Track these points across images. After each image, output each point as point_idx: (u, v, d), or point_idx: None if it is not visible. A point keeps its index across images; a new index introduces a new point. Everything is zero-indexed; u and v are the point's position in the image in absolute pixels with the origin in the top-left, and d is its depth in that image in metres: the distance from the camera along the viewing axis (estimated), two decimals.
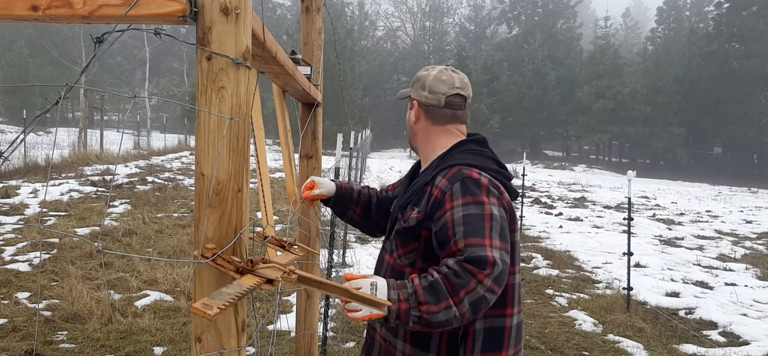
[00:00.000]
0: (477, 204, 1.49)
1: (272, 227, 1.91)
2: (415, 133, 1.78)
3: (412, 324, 1.42)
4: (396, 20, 63.36)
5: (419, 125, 1.76)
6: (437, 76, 1.73)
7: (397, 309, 1.42)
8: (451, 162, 1.63)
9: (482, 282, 1.41)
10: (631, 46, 56.06)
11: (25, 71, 34.80)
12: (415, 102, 1.76)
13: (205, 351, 1.15)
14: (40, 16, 1.06)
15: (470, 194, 1.51)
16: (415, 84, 1.77)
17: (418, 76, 1.78)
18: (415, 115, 1.75)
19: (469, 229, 1.46)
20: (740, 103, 35.59)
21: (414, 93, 1.77)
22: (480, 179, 1.55)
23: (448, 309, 1.39)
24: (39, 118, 1.06)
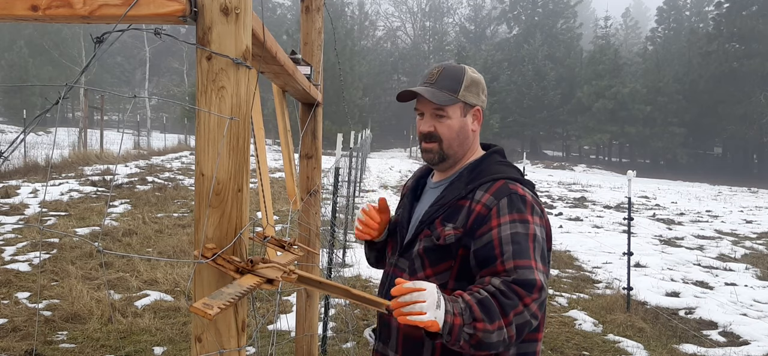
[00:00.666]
0: (523, 223, 1.43)
1: (272, 227, 1.91)
2: (467, 140, 1.62)
3: (462, 343, 1.31)
4: (396, 20, 63.41)
5: (476, 133, 1.64)
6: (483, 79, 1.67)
7: (452, 323, 1.29)
8: (493, 175, 1.53)
9: (528, 306, 1.35)
10: (631, 46, 56.06)
11: (25, 71, 34.81)
12: (479, 109, 1.63)
13: (205, 351, 1.15)
14: (40, 16, 1.06)
15: (517, 212, 1.44)
16: (470, 88, 1.60)
17: (474, 79, 1.62)
18: (479, 123, 1.63)
19: (517, 249, 1.39)
20: (740, 103, 35.59)
21: (475, 99, 1.62)
22: (526, 195, 1.48)
23: (501, 330, 1.31)
24: (39, 118, 1.06)
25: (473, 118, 1.62)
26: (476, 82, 1.62)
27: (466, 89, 1.59)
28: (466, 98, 1.59)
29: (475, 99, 1.61)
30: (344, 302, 5.52)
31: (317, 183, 2.83)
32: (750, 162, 40.21)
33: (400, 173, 22.50)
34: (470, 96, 1.60)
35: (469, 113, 1.60)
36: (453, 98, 1.57)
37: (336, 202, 4.61)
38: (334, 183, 4.56)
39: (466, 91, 1.59)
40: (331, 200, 4.80)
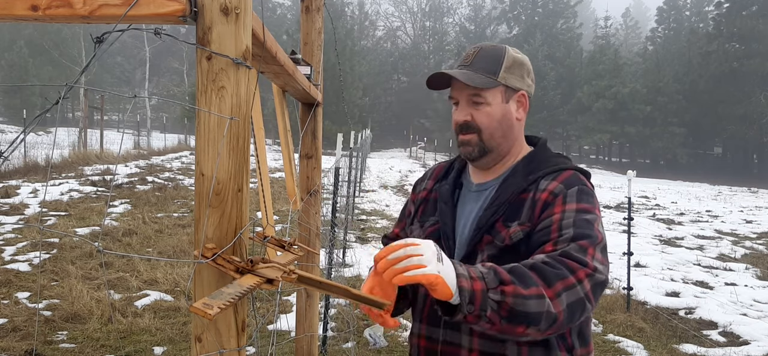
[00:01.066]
0: (591, 214, 1.27)
1: (272, 227, 1.91)
2: (511, 130, 1.41)
3: (490, 314, 1.07)
4: (396, 20, 63.41)
5: (521, 122, 1.44)
6: (529, 62, 1.48)
7: (471, 288, 1.07)
8: (559, 165, 1.38)
9: (582, 282, 1.15)
10: (631, 46, 56.08)
11: (25, 71, 34.82)
12: (524, 94, 1.42)
13: (205, 351, 1.15)
14: (40, 16, 1.06)
15: (587, 202, 1.28)
16: (512, 68, 1.39)
17: (517, 60, 1.41)
18: (524, 110, 1.43)
19: (578, 232, 1.22)
20: (740, 103, 35.59)
21: (519, 82, 1.40)
22: (588, 187, 1.34)
23: (541, 298, 1.09)
24: (39, 118, 1.06)
25: (518, 104, 1.41)
26: (519, 63, 1.41)
27: (507, 70, 1.38)
28: (507, 80, 1.37)
29: (518, 82, 1.40)
30: (344, 302, 5.53)
31: (317, 183, 2.83)
32: (750, 162, 40.21)
33: (400, 173, 22.50)
34: (513, 78, 1.39)
35: (512, 98, 1.39)
36: (492, 80, 1.36)
37: (336, 202, 4.61)
38: (334, 183, 4.56)
39: (507, 72, 1.38)
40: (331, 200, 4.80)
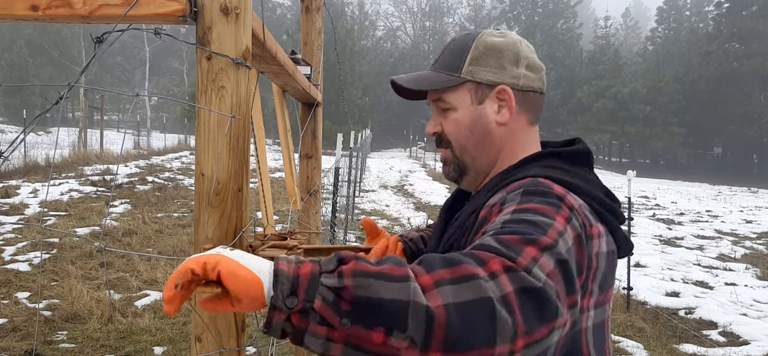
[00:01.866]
0: (538, 215, 0.85)
1: (272, 227, 1.91)
2: (488, 138, 1.07)
3: (324, 305, 0.70)
4: (396, 20, 63.41)
5: (510, 126, 1.07)
6: (527, 45, 1.10)
7: (293, 273, 0.73)
8: (523, 174, 1.00)
9: (496, 276, 0.72)
10: (631, 46, 56.08)
11: (25, 71, 34.81)
12: (504, 89, 1.05)
13: (205, 351, 1.15)
14: (40, 16, 1.06)
15: (534, 202, 0.89)
16: (482, 58, 1.05)
17: (490, 46, 1.06)
18: (509, 109, 1.05)
19: (507, 229, 0.83)
20: (740, 103, 35.60)
21: (494, 74, 1.05)
22: (563, 195, 0.92)
23: (403, 281, 0.70)
24: (39, 118, 1.06)
25: (496, 103, 1.05)
26: (496, 50, 1.05)
27: (475, 61, 1.05)
28: (475, 74, 1.05)
29: (493, 74, 1.05)
30: None
31: (317, 183, 2.83)
32: (750, 162, 40.22)
33: (400, 173, 22.50)
34: (484, 71, 1.05)
35: (487, 97, 1.05)
36: (451, 78, 1.06)
37: (336, 202, 4.61)
38: (334, 183, 4.56)
39: (474, 64, 1.05)
40: (331, 200, 4.81)
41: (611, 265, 0.96)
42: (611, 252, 0.96)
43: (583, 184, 0.98)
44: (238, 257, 0.76)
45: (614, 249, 0.98)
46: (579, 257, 0.86)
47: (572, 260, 0.83)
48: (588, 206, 0.95)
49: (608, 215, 0.97)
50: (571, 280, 0.80)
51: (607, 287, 0.96)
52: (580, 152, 1.05)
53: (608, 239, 0.96)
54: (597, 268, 0.91)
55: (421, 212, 12.24)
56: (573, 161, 1.03)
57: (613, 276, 0.98)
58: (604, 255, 0.93)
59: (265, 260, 0.77)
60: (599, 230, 0.93)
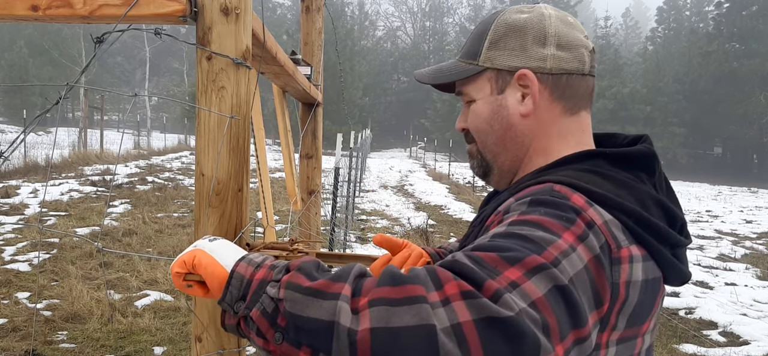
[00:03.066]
0: (539, 228, 0.70)
1: (272, 228, 1.91)
2: (510, 132, 0.91)
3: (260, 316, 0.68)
4: (396, 20, 63.44)
5: (538, 117, 0.90)
6: (560, 18, 0.90)
7: (247, 277, 0.74)
8: (547, 177, 0.83)
9: (448, 303, 0.60)
10: (631, 46, 56.08)
11: (25, 71, 34.81)
12: (524, 73, 0.88)
13: (205, 351, 1.15)
14: (40, 16, 1.06)
15: (538, 213, 0.73)
16: (500, 41, 0.90)
17: (511, 25, 0.90)
18: (533, 98, 0.89)
19: (487, 244, 0.69)
20: (740, 103, 35.61)
21: (515, 58, 0.89)
22: (581, 208, 0.75)
23: (331, 299, 0.63)
24: (39, 118, 1.06)
25: (519, 91, 0.89)
26: (515, 30, 0.89)
27: (493, 45, 0.90)
28: (493, 60, 0.90)
29: (513, 58, 0.89)
30: None
31: (317, 183, 2.83)
32: (750, 162, 40.22)
33: (400, 173, 22.50)
34: (503, 55, 0.90)
35: (507, 85, 0.90)
36: (470, 67, 0.93)
37: (336, 202, 4.61)
38: (334, 183, 4.56)
39: (493, 49, 0.90)
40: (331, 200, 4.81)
41: (651, 295, 0.78)
42: (652, 280, 0.78)
43: (618, 195, 0.78)
44: (214, 249, 0.80)
45: (658, 276, 0.79)
46: (597, 283, 0.70)
47: (581, 287, 0.67)
48: (619, 222, 0.76)
49: (648, 235, 0.77)
50: (575, 310, 0.65)
51: (643, 320, 0.78)
52: (636, 155, 0.85)
53: (648, 264, 0.77)
54: (625, 298, 0.74)
55: (421, 212, 12.24)
56: (625, 164, 0.84)
57: (652, 307, 0.79)
58: (640, 284, 0.75)
59: (238, 253, 0.79)
60: (632, 254, 0.75)
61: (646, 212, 0.78)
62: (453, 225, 10.95)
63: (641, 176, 0.85)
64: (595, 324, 0.70)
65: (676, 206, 0.86)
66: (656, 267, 0.79)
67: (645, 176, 0.85)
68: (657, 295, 0.80)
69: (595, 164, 0.84)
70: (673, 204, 0.85)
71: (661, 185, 0.87)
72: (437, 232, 9.78)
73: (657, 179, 0.86)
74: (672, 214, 0.82)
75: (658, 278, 0.80)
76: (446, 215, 12.22)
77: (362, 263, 0.86)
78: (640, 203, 0.79)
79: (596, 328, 0.70)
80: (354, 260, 1.31)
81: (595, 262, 0.70)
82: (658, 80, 38.68)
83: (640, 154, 0.85)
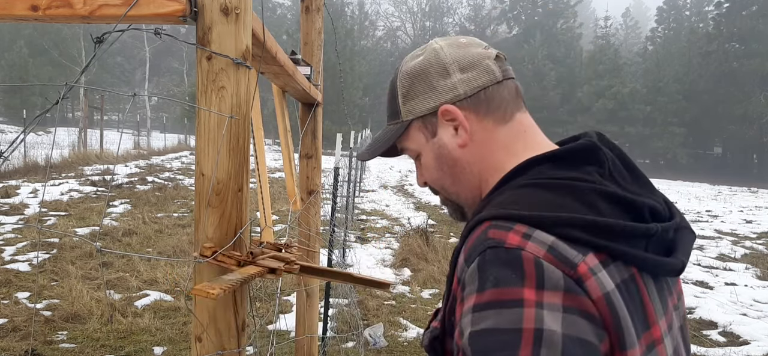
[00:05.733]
0: (503, 307, 0.67)
1: (271, 229, 1.91)
2: (457, 167, 0.91)
3: None
4: (396, 20, 63.43)
5: (475, 141, 0.89)
6: (452, 44, 0.91)
7: None
8: (483, 215, 0.78)
9: None
10: (631, 46, 56.08)
11: (25, 71, 34.80)
12: (446, 108, 0.88)
13: (205, 351, 1.15)
14: (40, 16, 1.06)
15: (491, 285, 0.69)
16: (411, 91, 0.92)
17: (412, 72, 0.92)
18: (463, 126, 0.88)
19: None
20: (740, 103, 35.61)
21: (429, 100, 0.90)
22: (518, 247, 0.70)
23: None
24: (39, 118, 1.06)
25: (448, 127, 0.90)
26: (418, 75, 0.91)
27: (406, 98, 0.92)
28: (413, 111, 0.92)
29: (427, 101, 0.90)
30: (345, 302, 5.53)
31: (317, 183, 2.83)
32: (750, 162, 40.22)
33: (400, 173, 22.50)
34: (417, 102, 0.91)
35: (437, 126, 0.91)
36: (398, 126, 0.94)
37: (336, 202, 4.61)
38: (334, 183, 4.56)
39: (406, 102, 0.92)
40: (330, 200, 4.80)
41: (637, 296, 0.72)
42: (625, 281, 0.72)
43: (559, 205, 0.74)
44: None
45: (630, 275, 0.72)
46: (581, 307, 0.67)
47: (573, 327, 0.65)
48: (563, 239, 0.70)
49: (599, 238, 0.71)
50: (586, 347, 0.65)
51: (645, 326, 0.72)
52: (578, 150, 0.82)
53: (612, 267, 0.71)
54: (612, 313, 0.68)
55: (421, 211, 12.24)
56: (568, 163, 0.81)
57: (646, 308, 0.73)
58: (616, 291, 0.69)
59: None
60: (590, 266, 0.69)
61: (593, 212, 0.73)
62: (453, 225, 10.96)
63: (588, 170, 0.80)
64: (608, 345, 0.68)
65: (642, 189, 0.82)
66: (623, 266, 0.72)
67: (593, 170, 0.80)
68: (644, 294, 0.74)
69: (538, 173, 0.81)
70: (639, 189, 0.81)
71: (618, 173, 0.82)
72: (437, 232, 9.78)
73: (609, 170, 0.81)
74: (629, 202, 0.76)
75: (631, 276, 0.73)
76: (446, 215, 12.21)
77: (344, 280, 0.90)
78: (585, 204, 0.74)
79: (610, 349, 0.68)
80: (336, 276, 1.32)
81: (566, 293, 0.67)
82: (658, 80, 38.68)
83: (582, 148, 0.82)
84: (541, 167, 0.82)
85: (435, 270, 7.04)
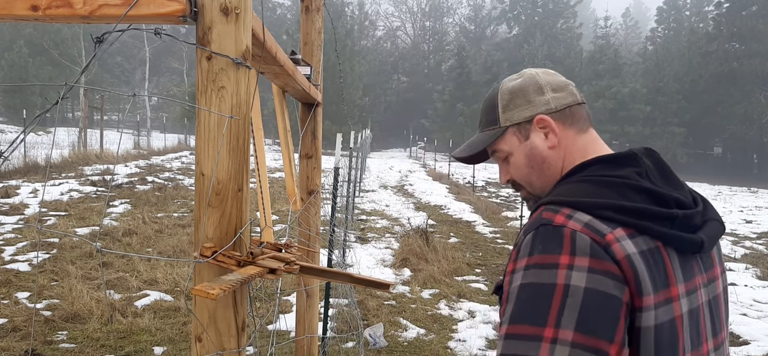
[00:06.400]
0: (543, 268, 0.90)
1: (271, 229, 1.91)
2: (545, 164, 1.14)
3: None
4: (396, 20, 63.41)
5: (561, 145, 1.13)
6: (545, 72, 1.19)
7: None
8: (542, 201, 1.06)
9: None
10: (631, 46, 56.07)
11: (25, 71, 34.79)
12: (541, 117, 1.12)
13: (205, 351, 1.15)
14: (40, 16, 1.06)
15: (538, 252, 0.92)
16: (510, 103, 1.16)
17: (512, 89, 1.16)
18: (553, 132, 1.12)
19: (518, 310, 0.90)
20: (740, 103, 35.60)
21: (526, 111, 1.14)
22: (562, 225, 0.93)
23: None
24: (39, 118, 1.06)
25: (541, 132, 1.14)
26: (518, 91, 1.16)
27: (505, 108, 1.17)
28: (511, 119, 1.16)
29: (526, 111, 1.14)
30: (345, 302, 5.53)
31: (317, 183, 2.83)
32: (750, 162, 40.22)
33: (400, 173, 22.50)
34: (517, 112, 1.15)
35: (530, 132, 1.15)
36: (495, 131, 1.18)
37: (336, 202, 4.61)
38: (334, 183, 4.55)
39: (507, 111, 1.17)
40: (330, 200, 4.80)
41: (660, 261, 0.93)
42: (649, 250, 0.93)
43: (598, 194, 0.98)
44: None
45: (652, 247, 0.93)
46: (605, 268, 0.88)
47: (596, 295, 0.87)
48: (597, 218, 0.94)
49: (627, 216, 0.94)
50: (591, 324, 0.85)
51: (666, 284, 0.93)
52: (620, 156, 1.06)
53: (639, 239, 0.93)
54: (634, 270, 0.89)
55: (421, 212, 12.24)
56: (613, 165, 1.05)
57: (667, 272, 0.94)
58: (638, 255, 0.91)
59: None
60: (616, 236, 0.92)
61: (624, 200, 0.96)
62: (453, 225, 10.96)
63: (627, 171, 1.02)
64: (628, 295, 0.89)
65: (672, 187, 1.03)
66: (650, 239, 0.94)
67: (632, 171, 1.02)
68: (667, 261, 0.94)
69: (591, 171, 1.06)
70: (668, 187, 1.02)
71: (653, 175, 1.03)
72: (437, 232, 9.78)
73: (645, 171, 1.03)
74: (657, 195, 0.98)
75: (656, 247, 0.94)
76: (446, 215, 12.22)
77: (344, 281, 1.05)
78: (619, 195, 0.97)
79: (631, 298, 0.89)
80: (336, 276, 1.34)
81: (592, 258, 0.89)
82: (658, 80, 38.68)
83: (624, 155, 1.06)
84: (592, 167, 1.06)
85: (435, 270, 7.04)
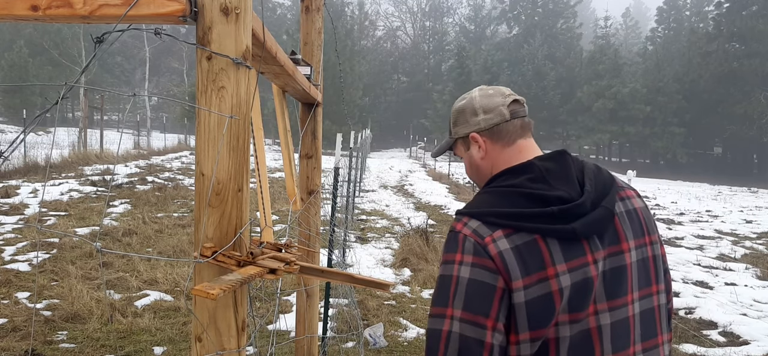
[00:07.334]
0: (446, 264, 1.20)
1: (271, 229, 1.91)
2: (479, 171, 1.42)
3: None
4: (396, 20, 63.41)
5: (489, 156, 1.38)
6: (482, 94, 1.42)
7: None
8: (460, 208, 1.32)
9: None
10: (631, 46, 56.06)
11: (25, 71, 34.77)
12: (473, 135, 1.39)
13: (205, 351, 1.15)
14: (40, 16, 1.06)
15: (445, 252, 1.23)
16: (457, 120, 1.45)
17: (459, 109, 1.45)
18: (482, 147, 1.38)
19: (434, 295, 1.20)
20: (740, 103, 35.60)
21: (465, 128, 1.42)
22: (459, 231, 1.21)
23: None
24: (39, 118, 1.06)
25: (475, 145, 1.40)
26: (460, 112, 1.44)
27: (455, 124, 1.46)
28: (458, 133, 1.45)
29: (465, 128, 1.42)
30: (345, 302, 5.53)
31: (317, 183, 2.83)
32: (750, 162, 40.22)
33: (399, 173, 22.50)
34: (460, 128, 1.44)
35: (469, 144, 1.42)
36: (450, 140, 1.50)
37: (336, 202, 4.61)
38: (334, 183, 4.55)
39: (455, 126, 1.46)
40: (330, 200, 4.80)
41: (535, 251, 1.15)
42: (526, 243, 1.15)
43: (490, 203, 1.23)
44: None
45: (528, 240, 1.16)
46: (482, 263, 1.15)
47: (479, 284, 1.14)
48: (484, 223, 1.19)
49: (507, 219, 1.18)
50: (474, 304, 1.13)
51: (539, 268, 1.14)
52: (517, 167, 1.30)
53: (515, 236, 1.16)
54: (504, 263, 1.14)
55: (421, 212, 12.24)
56: (512, 174, 1.29)
57: (552, 256, 1.14)
58: (511, 250, 1.15)
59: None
60: (494, 237, 1.17)
61: (508, 207, 1.20)
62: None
63: (521, 179, 1.26)
64: (503, 283, 1.14)
65: (564, 185, 1.21)
66: (527, 234, 1.16)
67: (525, 178, 1.26)
68: (541, 250, 1.15)
69: (496, 182, 1.30)
70: (565, 186, 1.21)
71: (553, 176, 1.24)
72: (437, 232, 9.78)
73: (542, 175, 1.24)
74: (539, 197, 1.19)
75: (533, 240, 1.16)
76: (446, 215, 12.22)
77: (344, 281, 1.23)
78: (508, 202, 1.21)
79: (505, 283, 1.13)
80: (336, 277, 1.35)
81: (474, 256, 1.16)
82: (658, 80, 38.67)
83: (521, 166, 1.30)
84: (499, 178, 1.31)
85: (435, 269, 7.04)
